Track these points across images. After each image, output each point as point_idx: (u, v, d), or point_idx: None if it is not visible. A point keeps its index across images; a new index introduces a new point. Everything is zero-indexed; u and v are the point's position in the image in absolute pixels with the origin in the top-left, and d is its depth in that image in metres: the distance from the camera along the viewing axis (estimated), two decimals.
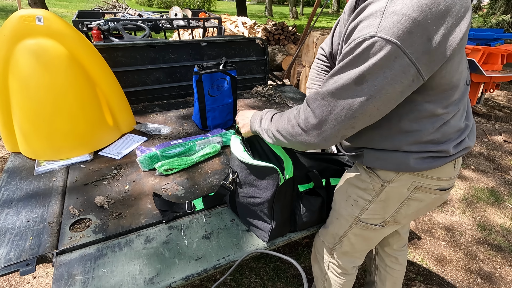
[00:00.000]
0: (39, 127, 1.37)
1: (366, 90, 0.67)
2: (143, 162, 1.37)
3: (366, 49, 0.65)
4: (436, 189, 0.88)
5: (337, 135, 0.76)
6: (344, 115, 0.72)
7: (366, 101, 0.68)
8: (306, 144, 0.81)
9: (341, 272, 1.13)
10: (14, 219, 1.08)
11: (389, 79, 0.66)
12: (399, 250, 1.28)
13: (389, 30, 0.63)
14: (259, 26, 6.68)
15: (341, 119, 0.72)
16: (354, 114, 0.71)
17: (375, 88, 0.67)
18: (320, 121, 0.75)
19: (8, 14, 9.68)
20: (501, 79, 3.75)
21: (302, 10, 19.60)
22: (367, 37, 0.65)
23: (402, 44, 0.63)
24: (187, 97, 2.26)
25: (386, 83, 0.66)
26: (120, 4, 5.56)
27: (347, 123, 0.73)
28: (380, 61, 0.65)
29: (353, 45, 0.68)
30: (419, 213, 0.95)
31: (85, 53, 1.44)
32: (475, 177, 2.82)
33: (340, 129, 0.74)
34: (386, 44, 0.63)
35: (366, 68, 0.66)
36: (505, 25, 10.53)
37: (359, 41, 0.67)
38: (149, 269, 0.92)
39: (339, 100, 0.71)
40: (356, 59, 0.67)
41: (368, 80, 0.67)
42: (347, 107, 0.70)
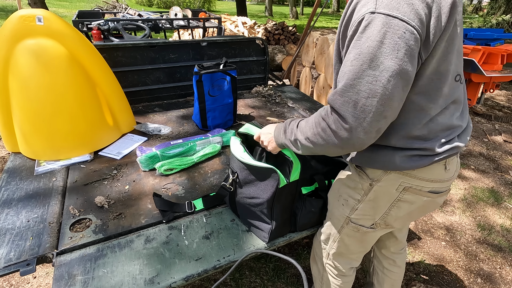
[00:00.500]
0: (39, 127, 1.37)
1: (384, 72, 0.64)
2: (143, 162, 1.37)
3: (367, 27, 0.64)
4: (427, 191, 0.86)
5: (370, 129, 0.69)
6: (370, 105, 0.66)
7: (388, 83, 0.64)
8: (341, 147, 0.74)
9: (337, 273, 1.13)
10: (14, 219, 1.08)
11: (404, 54, 0.63)
12: (396, 253, 1.27)
13: (388, 5, 0.62)
14: (259, 26, 6.68)
15: (368, 110, 0.66)
16: (380, 101, 0.65)
17: (393, 68, 0.63)
18: (349, 118, 0.68)
19: (8, 14, 9.68)
20: (501, 79, 3.75)
21: (302, 10, 19.60)
22: (365, 14, 0.64)
23: (405, 17, 0.61)
24: (187, 97, 2.26)
25: (402, 61, 0.63)
26: (120, 4, 5.56)
27: (376, 113, 0.67)
28: (386, 37, 0.62)
29: (354, 27, 0.66)
30: (411, 216, 0.93)
31: (85, 53, 1.44)
32: (475, 177, 2.82)
33: (371, 122, 0.68)
34: (388, 19, 0.61)
35: (374, 47, 0.63)
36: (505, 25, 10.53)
37: (359, 20, 0.65)
38: (149, 269, 0.92)
39: (360, 90, 0.66)
40: (360, 39, 0.65)
41: (381, 60, 0.63)
42: (370, 95, 0.65)
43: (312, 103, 2.24)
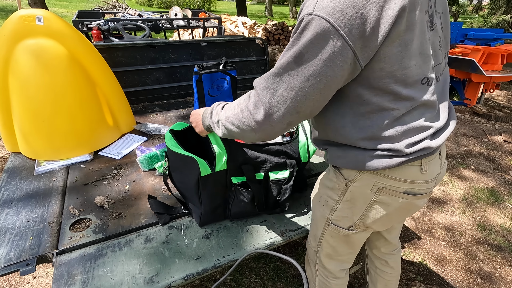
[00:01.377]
0: (39, 127, 1.37)
1: (306, 70, 0.68)
2: (143, 162, 1.37)
3: (303, 27, 0.67)
4: (402, 192, 0.84)
5: (281, 120, 0.74)
6: (286, 96, 0.71)
7: (306, 81, 0.68)
8: (254, 131, 0.78)
9: (329, 275, 1.11)
10: (14, 219, 1.08)
11: (327, 59, 0.66)
12: (388, 254, 1.25)
13: (324, 9, 0.64)
14: (259, 26, 6.68)
15: (284, 101, 0.71)
16: (296, 96, 0.70)
17: (314, 69, 0.67)
18: (265, 103, 0.73)
19: (8, 14, 9.68)
20: (501, 79, 3.76)
21: None
22: (305, 15, 0.67)
23: (336, 23, 0.64)
24: (187, 97, 2.26)
25: (324, 64, 0.67)
26: (120, 4, 5.57)
27: (290, 106, 0.71)
28: (315, 39, 0.65)
29: (296, 26, 0.70)
30: (391, 219, 0.91)
31: (85, 53, 1.44)
32: (475, 177, 2.82)
33: (284, 113, 0.72)
34: (321, 22, 0.64)
35: (303, 45, 0.67)
36: (505, 25, 10.54)
37: (299, 20, 0.69)
38: (149, 269, 0.92)
39: (281, 80, 0.71)
40: (296, 38, 0.68)
41: (306, 59, 0.67)
42: (288, 87, 0.70)
43: None
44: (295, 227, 1.13)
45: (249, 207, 1.11)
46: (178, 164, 1.04)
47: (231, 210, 1.10)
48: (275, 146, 1.10)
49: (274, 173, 1.11)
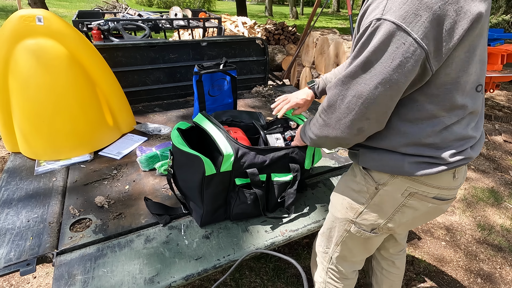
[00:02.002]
0: (39, 127, 1.37)
1: (375, 78, 0.65)
2: (143, 162, 1.37)
3: (371, 33, 0.64)
4: (432, 197, 0.84)
5: (352, 126, 0.74)
6: (354, 103, 0.70)
7: (375, 89, 0.66)
8: (330, 138, 0.80)
9: (340, 277, 1.11)
10: (14, 219, 1.08)
11: (397, 66, 0.63)
12: (395, 254, 1.26)
13: (395, 12, 0.61)
14: (259, 26, 6.68)
15: (352, 107, 0.71)
16: (364, 103, 0.69)
17: (384, 76, 0.65)
18: (334, 110, 0.74)
19: (8, 14, 9.67)
20: (501, 79, 3.75)
21: (302, 10, 19.60)
22: (373, 20, 0.64)
23: (409, 28, 0.60)
24: (187, 97, 2.26)
25: (394, 71, 0.64)
26: (120, 4, 5.57)
27: (359, 114, 0.71)
28: (385, 45, 0.63)
29: (361, 31, 0.67)
30: (415, 222, 0.92)
31: (85, 53, 1.44)
32: (475, 177, 2.82)
33: (353, 120, 0.72)
34: (391, 27, 0.61)
35: (371, 52, 0.64)
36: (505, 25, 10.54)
37: (366, 25, 0.66)
38: (149, 269, 0.92)
39: (349, 88, 0.70)
40: (363, 44, 0.66)
41: (375, 66, 0.65)
42: (356, 95, 0.69)
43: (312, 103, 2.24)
44: (295, 227, 1.13)
45: (251, 209, 1.11)
46: (183, 162, 1.04)
47: (232, 211, 1.10)
48: (283, 151, 1.09)
49: (277, 175, 1.11)
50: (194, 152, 0.97)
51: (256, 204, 1.10)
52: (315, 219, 1.18)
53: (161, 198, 1.22)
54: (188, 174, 1.05)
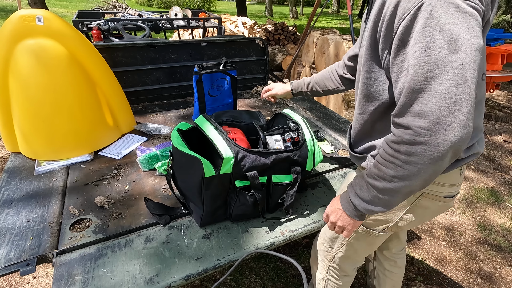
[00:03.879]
0: (39, 127, 1.37)
1: (468, 53, 0.58)
2: (143, 162, 1.37)
3: (434, 11, 0.59)
4: (443, 196, 0.84)
5: (467, 121, 0.59)
6: (462, 92, 0.57)
7: (474, 63, 0.58)
8: (441, 158, 0.61)
9: (341, 274, 1.13)
10: (14, 219, 1.08)
11: (478, 30, 0.59)
12: (398, 254, 1.27)
13: None
14: (259, 26, 6.68)
15: (461, 99, 0.58)
16: (471, 84, 0.58)
17: (475, 46, 0.58)
18: (439, 117, 0.59)
19: (8, 14, 9.68)
20: (501, 79, 3.75)
21: (302, 10, 19.60)
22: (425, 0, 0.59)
23: None
24: (187, 97, 2.26)
25: (478, 36, 0.59)
26: (120, 4, 5.57)
27: (471, 100, 0.58)
28: (458, 18, 0.58)
29: (409, 16, 0.61)
30: (423, 219, 0.92)
31: (85, 53, 1.44)
32: (475, 177, 2.82)
33: (468, 112, 0.59)
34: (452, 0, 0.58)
35: (450, 30, 0.58)
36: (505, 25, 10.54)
37: (416, 7, 0.60)
38: (149, 269, 0.92)
39: (446, 79, 0.58)
40: (432, 26, 0.59)
41: (462, 41, 0.58)
42: (460, 81, 0.57)
43: (312, 103, 2.24)
44: (295, 227, 1.13)
45: (251, 211, 1.11)
46: (183, 163, 1.04)
47: (232, 213, 1.10)
48: (284, 153, 1.09)
49: (277, 177, 1.11)
50: (193, 153, 0.97)
51: (256, 206, 1.10)
52: (315, 219, 1.18)
53: (161, 198, 1.22)
54: (187, 175, 1.05)
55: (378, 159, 0.72)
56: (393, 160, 0.67)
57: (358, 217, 0.80)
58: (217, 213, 1.10)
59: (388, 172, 0.69)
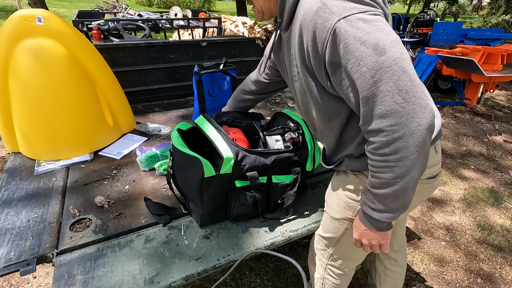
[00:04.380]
0: (39, 127, 1.37)
1: (393, 49, 0.64)
2: (143, 162, 1.37)
3: (348, 32, 0.66)
4: (426, 178, 0.88)
5: (426, 102, 0.65)
6: (408, 80, 0.64)
7: (402, 55, 0.65)
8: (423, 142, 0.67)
9: (339, 273, 1.12)
10: (14, 219, 1.08)
11: (385, 30, 0.66)
12: (398, 251, 1.27)
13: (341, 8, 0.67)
14: (259, 26, 6.68)
15: (408, 87, 0.64)
16: (411, 71, 0.65)
17: (392, 42, 0.65)
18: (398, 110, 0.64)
19: (8, 14, 9.67)
20: (501, 79, 3.76)
21: None
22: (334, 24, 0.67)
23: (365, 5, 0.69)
24: (187, 97, 2.26)
25: (388, 34, 0.66)
26: (120, 4, 5.56)
27: (417, 83, 0.65)
28: (374, 26, 0.66)
29: (330, 41, 0.68)
30: (413, 204, 0.95)
31: (85, 53, 1.44)
32: (475, 177, 2.82)
33: (421, 91, 0.65)
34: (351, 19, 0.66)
35: (368, 39, 0.65)
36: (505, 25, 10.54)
37: (331, 33, 0.67)
38: (149, 269, 0.92)
39: (387, 78, 0.64)
40: (352, 44, 0.66)
41: (383, 43, 0.64)
42: (401, 74, 0.64)
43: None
44: (295, 227, 1.13)
45: (251, 211, 1.11)
46: (183, 163, 1.04)
47: (232, 213, 1.10)
48: (284, 154, 1.09)
49: (277, 177, 1.11)
50: (193, 153, 0.97)
51: (256, 206, 1.10)
52: (315, 219, 1.18)
53: (161, 198, 1.22)
54: (187, 175, 1.05)
55: (372, 169, 0.75)
56: (386, 164, 0.71)
57: (386, 228, 0.82)
58: (217, 213, 1.10)
59: (388, 176, 0.72)
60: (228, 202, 1.09)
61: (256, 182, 1.04)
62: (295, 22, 0.78)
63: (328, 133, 0.92)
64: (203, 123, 1.09)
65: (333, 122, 0.87)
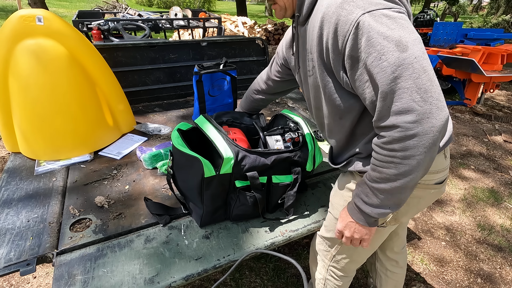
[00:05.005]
0: (39, 127, 1.37)
1: (415, 47, 0.65)
2: (146, 160, 1.37)
3: (372, 27, 0.66)
4: (434, 183, 0.88)
5: (441, 104, 0.65)
6: (426, 80, 0.64)
7: (424, 54, 0.65)
8: (433, 144, 0.66)
9: (341, 274, 1.12)
10: (14, 219, 1.08)
11: (408, 28, 0.66)
12: (399, 253, 1.27)
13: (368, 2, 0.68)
14: (259, 26, 6.68)
15: (428, 86, 0.64)
16: (430, 71, 0.65)
17: (414, 37, 0.66)
18: (417, 110, 0.64)
19: (8, 14, 9.68)
20: (501, 79, 3.76)
21: None
22: (359, 17, 0.67)
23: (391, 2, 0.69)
24: (187, 97, 2.26)
25: (410, 32, 0.66)
26: (120, 4, 5.56)
27: (436, 83, 0.65)
28: (395, 23, 0.66)
29: (353, 35, 0.68)
30: (419, 209, 0.95)
31: (85, 53, 1.44)
32: (475, 177, 2.82)
33: (439, 95, 0.65)
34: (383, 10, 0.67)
35: (391, 35, 0.65)
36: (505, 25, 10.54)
37: (354, 26, 0.67)
38: (149, 269, 0.92)
39: (408, 77, 0.64)
40: (374, 38, 0.65)
41: (405, 40, 0.65)
42: (421, 73, 0.64)
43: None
44: (295, 227, 1.13)
45: (251, 211, 1.11)
46: (183, 163, 1.04)
47: (232, 213, 1.10)
48: (284, 154, 1.09)
49: (277, 177, 1.11)
50: (193, 153, 0.97)
51: (256, 206, 1.10)
52: (315, 219, 1.18)
53: (161, 198, 1.22)
54: (187, 175, 1.05)
55: (375, 163, 0.75)
56: (392, 160, 0.70)
57: (373, 224, 0.82)
58: (217, 213, 1.10)
59: (390, 172, 0.71)
60: (228, 202, 1.09)
61: (256, 182, 1.04)
62: (314, 16, 0.77)
63: (337, 130, 0.91)
64: (203, 123, 1.09)
65: (344, 120, 0.86)
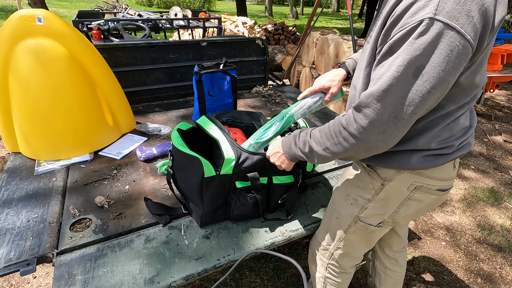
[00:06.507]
0: (39, 127, 1.37)
1: (427, 83, 0.62)
2: (160, 167, 1.37)
3: (424, 34, 0.60)
4: (436, 189, 0.87)
5: (398, 134, 0.69)
6: (405, 112, 0.65)
7: (428, 94, 0.63)
8: (365, 150, 0.75)
9: (340, 271, 1.13)
10: (14, 219, 1.08)
11: (452, 67, 0.61)
12: (399, 252, 1.27)
13: (450, 13, 0.58)
14: (259, 26, 6.68)
15: (401, 117, 0.66)
16: (415, 109, 0.65)
17: (436, 80, 0.62)
18: (379, 124, 0.68)
19: (8, 14, 9.67)
20: (501, 79, 3.75)
21: (302, 10, 19.60)
22: (425, 18, 0.59)
23: (463, 29, 0.59)
24: (187, 97, 2.26)
25: (448, 72, 0.62)
26: (120, 4, 5.56)
27: (409, 121, 0.67)
28: (440, 49, 0.60)
29: (407, 30, 0.62)
30: (418, 213, 0.94)
31: (85, 53, 1.44)
32: (475, 177, 2.82)
33: (401, 127, 0.68)
34: (445, 28, 0.59)
35: (425, 57, 0.61)
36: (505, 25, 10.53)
37: (415, 24, 0.60)
38: (149, 269, 0.92)
39: (399, 97, 0.64)
40: (414, 46, 0.61)
41: (427, 70, 0.61)
42: (408, 103, 0.64)
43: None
44: (295, 227, 1.13)
45: (251, 211, 1.11)
46: (183, 163, 1.04)
47: (232, 213, 1.10)
48: None
49: (278, 178, 1.11)
50: (193, 153, 0.97)
51: (256, 207, 1.10)
52: (315, 219, 1.18)
53: (161, 198, 1.22)
54: (187, 175, 1.05)
55: (324, 127, 0.82)
56: (333, 136, 0.78)
57: (293, 160, 0.95)
58: (217, 213, 1.10)
59: (325, 142, 0.81)
60: (228, 202, 1.09)
61: (257, 183, 1.04)
62: None
63: None
64: (206, 124, 1.09)
65: None
